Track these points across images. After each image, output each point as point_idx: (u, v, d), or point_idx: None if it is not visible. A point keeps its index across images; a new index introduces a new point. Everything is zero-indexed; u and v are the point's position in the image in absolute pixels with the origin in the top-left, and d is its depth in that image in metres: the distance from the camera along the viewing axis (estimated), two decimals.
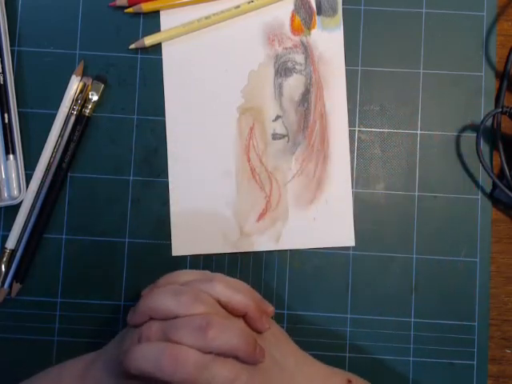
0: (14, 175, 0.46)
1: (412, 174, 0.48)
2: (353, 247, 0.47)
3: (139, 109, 0.48)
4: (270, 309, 0.40)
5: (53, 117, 0.47)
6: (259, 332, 0.38)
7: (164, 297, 0.36)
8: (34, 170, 0.47)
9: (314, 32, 0.48)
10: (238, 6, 0.47)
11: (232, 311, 0.37)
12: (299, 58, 0.48)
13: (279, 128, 0.48)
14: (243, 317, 0.37)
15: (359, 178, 0.48)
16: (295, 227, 0.47)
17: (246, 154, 0.48)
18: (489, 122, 0.48)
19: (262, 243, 0.47)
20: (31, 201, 0.47)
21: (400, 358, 0.46)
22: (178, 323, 0.34)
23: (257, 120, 0.48)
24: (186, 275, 0.40)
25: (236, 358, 0.34)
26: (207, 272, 0.40)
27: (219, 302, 0.37)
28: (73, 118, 0.47)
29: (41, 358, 0.46)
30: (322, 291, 0.47)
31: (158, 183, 0.47)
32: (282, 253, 0.47)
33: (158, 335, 0.34)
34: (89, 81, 0.47)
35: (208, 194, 0.47)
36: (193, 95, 0.48)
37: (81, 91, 0.47)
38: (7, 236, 0.46)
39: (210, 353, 0.34)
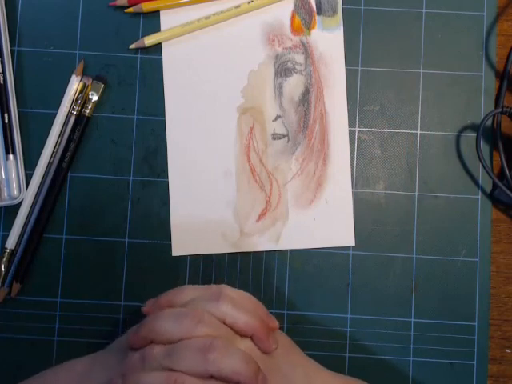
0: (13, 175, 0.46)
1: (412, 174, 0.48)
2: (353, 247, 0.47)
3: (139, 109, 0.48)
4: (275, 324, 0.39)
5: (53, 117, 0.47)
6: (266, 352, 0.37)
7: (166, 321, 0.35)
8: (34, 170, 0.47)
9: (313, 32, 0.48)
10: (238, 6, 0.47)
11: (238, 332, 0.36)
12: (299, 58, 0.48)
13: (279, 128, 0.48)
14: (250, 336, 0.37)
15: (359, 178, 0.48)
16: (295, 227, 0.47)
17: (246, 154, 0.48)
18: (489, 122, 0.48)
19: (262, 243, 0.47)
20: (31, 201, 0.47)
21: (400, 358, 0.46)
22: (180, 345, 0.33)
23: (257, 120, 0.48)
24: (191, 292, 0.38)
25: None
26: (212, 286, 0.38)
27: (225, 322, 0.36)
28: (73, 118, 0.47)
29: (41, 357, 0.46)
30: (322, 291, 0.47)
31: (158, 183, 0.47)
32: (281, 253, 0.47)
33: (160, 357, 0.34)
34: (89, 81, 0.47)
35: (208, 193, 0.47)
36: (193, 95, 0.48)
37: (81, 91, 0.47)
38: (7, 236, 0.46)
39: (212, 377, 0.33)
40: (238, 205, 0.47)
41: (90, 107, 0.47)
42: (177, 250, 0.47)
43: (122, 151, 0.48)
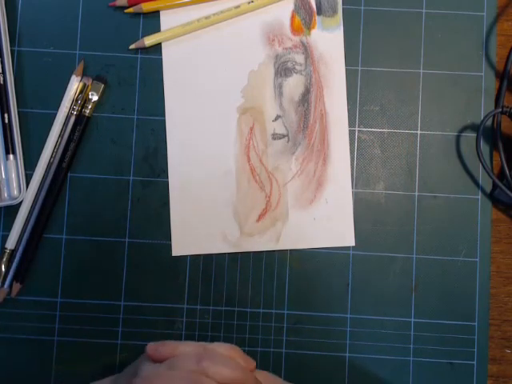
0: (13, 175, 0.46)
1: (412, 174, 0.48)
2: (353, 247, 0.47)
3: (139, 109, 0.48)
4: (252, 365, 0.38)
5: (53, 117, 0.47)
6: None
7: None
8: (34, 170, 0.47)
9: (313, 32, 0.48)
10: (237, 6, 0.47)
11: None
12: (299, 58, 0.48)
13: (279, 128, 0.48)
14: None
15: (359, 178, 0.48)
16: (295, 227, 0.47)
17: (246, 154, 0.48)
18: (489, 122, 0.48)
19: (262, 243, 0.47)
20: (31, 201, 0.47)
21: (400, 358, 0.46)
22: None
23: (257, 120, 0.48)
24: (184, 348, 0.37)
25: None
26: (200, 348, 0.37)
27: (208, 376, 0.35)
28: (73, 118, 0.47)
29: (41, 357, 0.46)
30: (322, 291, 0.47)
31: (158, 183, 0.47)
32: (281, 253, 0.47)
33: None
34: (89, 81, 0.47)
35: (208, 194, 0.47)
36: (193, 95, 0.48)
37: (81, 91, 0.47)
38: (7, 236, 0.46)
39: None
40: (238, 205, 0.47)
41: (90, 107, 0.47)
42: (177, 250, 0.47)
43: (122, 151, 0.48)
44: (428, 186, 0.48)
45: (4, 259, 0.46)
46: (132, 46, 0.48)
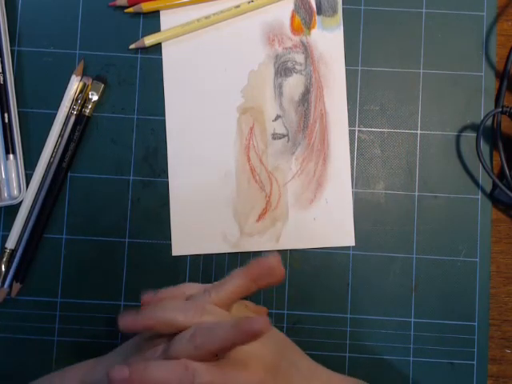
0: (13, 175, 0.46)
1: (412, 173, 0.48)
2: (353, 247, 0.47)
3: (139, 109, 0.48)
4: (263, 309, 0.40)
5: (53, 117, 0.47)
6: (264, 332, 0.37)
7: (171, 311, 0.36)
8: (34, 170, 0.47)
9: (314, 32, 0.48)
10: (237, 6, 0.47)
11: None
12: (299, 57, 0.48)
13: (279, 128, 0.48)
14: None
15: (359, 178, 0.48)
16: (295, 227, 0.47)
17: (246, 154, 0.48)
18: (489, 122, 0.48)
19: (262, 243, 0.47)
20: (31, 201, 0.47)
21: (400, 358, 0.46)
22: (174, 341, 0.35)
23: (257, 120, 0.48)
24: (189, 289, 0.40)
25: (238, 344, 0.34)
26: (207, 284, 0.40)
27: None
28: (73, 118, 0.47)
29: (41, 357, 0.46)
30: (322, 291, 0.47)
31: (158, 183, 0.47)
32: (281, 253, 0.47)
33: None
34: (89, 81, 0.47)
35: (208, 194, 0.47)
36: (193, 95, 0.48)
37: (81, 91, 0.47)
38: (7, 236, 0.46)
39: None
40: (238, 205, 0.47)
41: (89, 107, 0.47)
42: (177, 250, 0.47)
43: (122, 151, 0.48)
44: (428, 186, 0.48)
45: (4, 259, 0.46)
46: (132, 46, 0.48)
